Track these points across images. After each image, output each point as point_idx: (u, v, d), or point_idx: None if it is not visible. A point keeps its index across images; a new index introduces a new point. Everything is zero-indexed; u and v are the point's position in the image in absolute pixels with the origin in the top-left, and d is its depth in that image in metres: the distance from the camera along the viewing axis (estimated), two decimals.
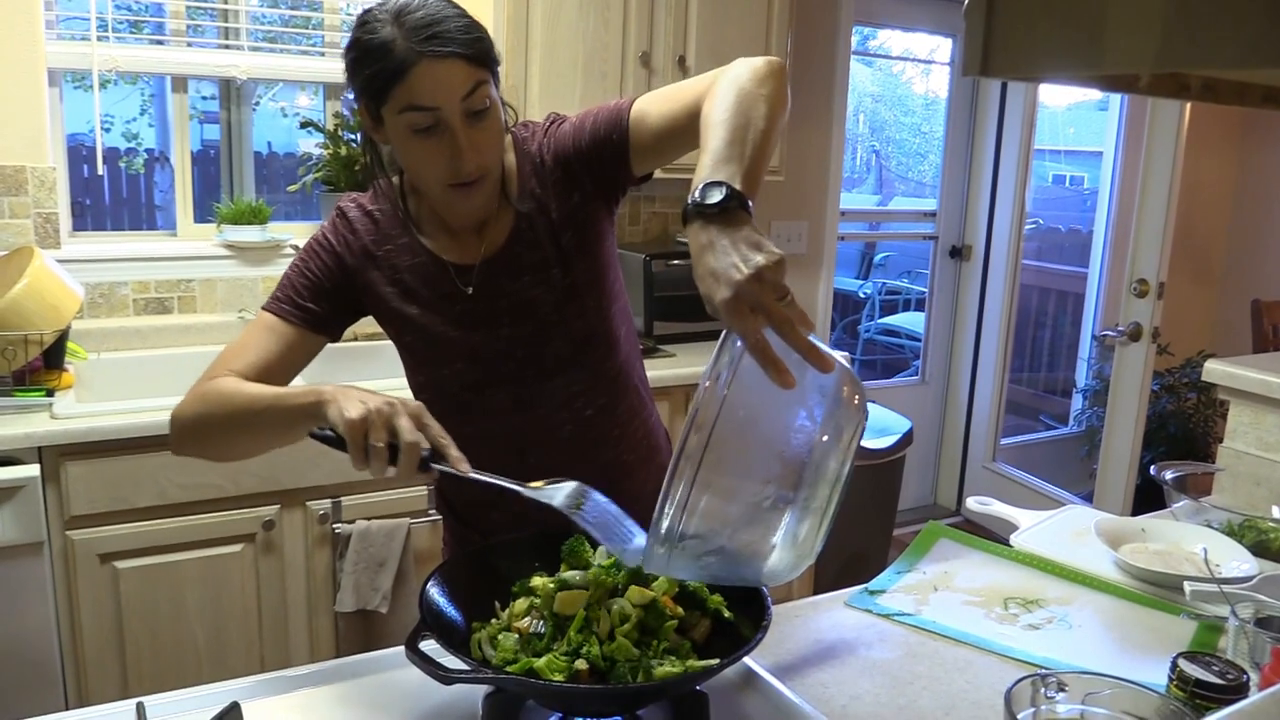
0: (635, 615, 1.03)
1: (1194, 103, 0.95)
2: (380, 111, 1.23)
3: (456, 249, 1.36)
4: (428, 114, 1.20)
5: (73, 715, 1.10)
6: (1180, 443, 4.25)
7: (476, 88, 1.21)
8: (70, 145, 2.70)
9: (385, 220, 1.38)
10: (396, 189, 1.37)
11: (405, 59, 1.17)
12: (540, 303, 1.35)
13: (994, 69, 0.72)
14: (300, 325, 1.33)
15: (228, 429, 1.25)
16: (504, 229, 1.36)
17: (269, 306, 1.35)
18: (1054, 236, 6.04)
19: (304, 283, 1.35)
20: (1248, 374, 2.00)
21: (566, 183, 1.34)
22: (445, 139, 1.21)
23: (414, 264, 1.36)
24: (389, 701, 1.13)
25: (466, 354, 1.36)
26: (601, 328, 1.40)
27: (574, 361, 1.38)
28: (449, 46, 1.18)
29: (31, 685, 2.02)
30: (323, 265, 1.36)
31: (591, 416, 1.42)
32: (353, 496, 2.33)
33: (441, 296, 1.36)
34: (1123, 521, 1.68)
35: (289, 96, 3.31)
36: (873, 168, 7.78)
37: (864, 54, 5.58)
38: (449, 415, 1.34)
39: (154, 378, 2.52)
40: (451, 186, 1.26)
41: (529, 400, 1.38)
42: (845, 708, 1.15)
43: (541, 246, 1.35)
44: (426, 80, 1.18)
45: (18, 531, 1.95)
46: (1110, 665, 1.18)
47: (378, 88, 1.20)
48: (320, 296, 1.35)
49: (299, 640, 2.34)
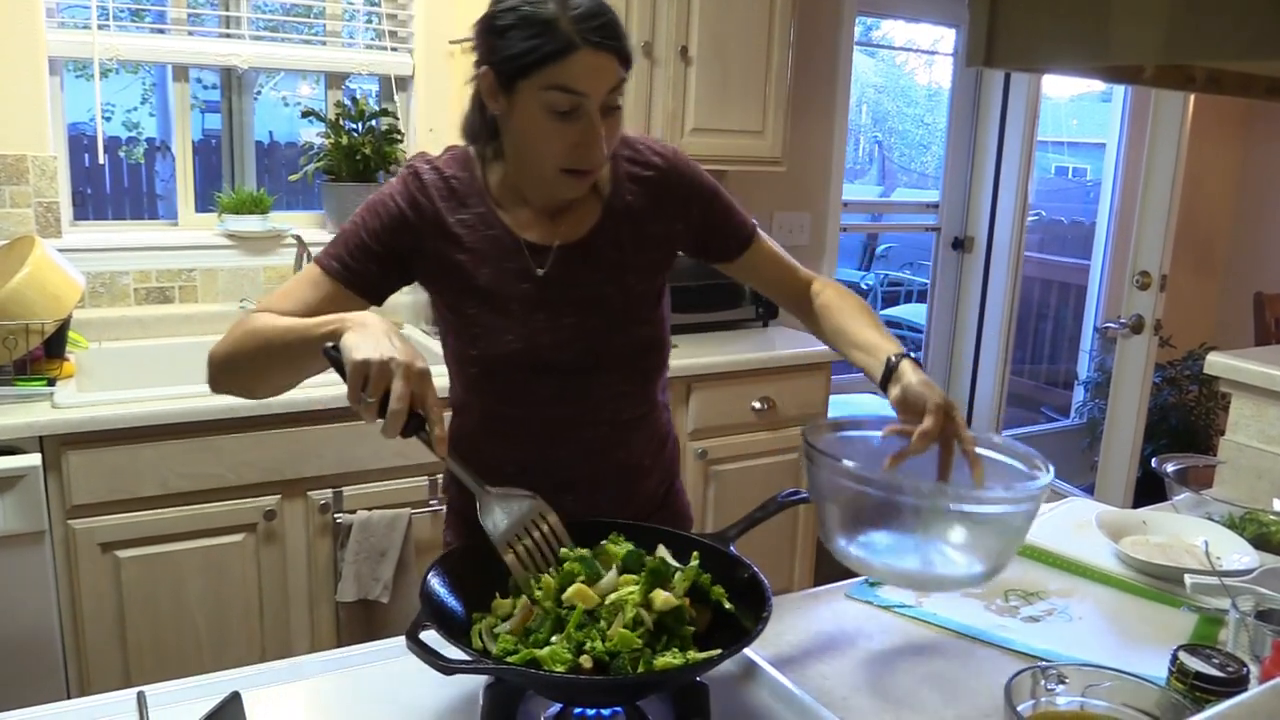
0: (650, 619, 1.02)
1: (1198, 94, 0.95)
2: (518, 82, 1.22)
3: (532, 227, 1.35)
4: (573, 98, 1.21)
5: (74, 704, 1.10)
6: (1182, 435, 4.25)
7: (619, 85, 1.24)
8: (71, 134, 2.69)
9: (462, 188, 1.36)
10: (475, 158, 1.37)
11: (569, 41, 1.18)
12: (610, 301, 1.36)
13: (998, 60, 0.71)
14: (342, 283, 1.33)
15: (257, 359, 1.26)
16: (587, 219, 1.37)
17: (318, 258, 1.35)
18: (1056, 228, 6.03)
19: (356, 242, 1.34)
20: (1249, 367, 2.00)
21: (676, 212, 1.41)
22: (578, 126, 1.23)
23: (487, 235, 1.34)
24: (390, 691, 1.13)
25: (525, 335, 1.34)
26: (657, 339, 1.43)
27: (627, 365, 1.39)
28: (610, 40, 1.21)
29: (33, 674, 2.03)
30: (380, 226, 1.34)
31: (626, 421, 1.42)
32: (354, 486, 2.33)
33: (511, 272, 1.34)
34: (1123, 514, 1.68)
35: (290, 86, 3.31)
36: (875, 159, 7.77)
37: (867, 44, 5.56)
38: (490, 393, 1.39)
39: (155, 367, 2.52)
40: (564, 170, 1.26)
41: (573, 394, 1.37)
42: (846, 699, 1.15)
43: (623, 249, 1.37)
44: (583, 67, 1.19)
45: (19, 521, 1.95)
46: (1110, 658, 1.18)
47: (530, 61, 1.20)
48: (369, 258, 1.33)
49: (300, 630, 2.35)
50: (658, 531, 1.21)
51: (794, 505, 1.33)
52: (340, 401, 2.23)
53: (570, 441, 1.40)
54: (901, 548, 1.19)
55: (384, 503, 2.35)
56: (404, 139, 2.94)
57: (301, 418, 2.23)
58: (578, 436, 1.40)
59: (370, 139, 2.82)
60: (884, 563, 1.20)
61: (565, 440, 1.39)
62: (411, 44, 2.95)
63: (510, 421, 1.40)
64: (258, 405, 2.17)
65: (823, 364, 2.99)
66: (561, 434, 1.39)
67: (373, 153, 2.81)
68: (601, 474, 1.42)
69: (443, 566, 1.12)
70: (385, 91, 3.02)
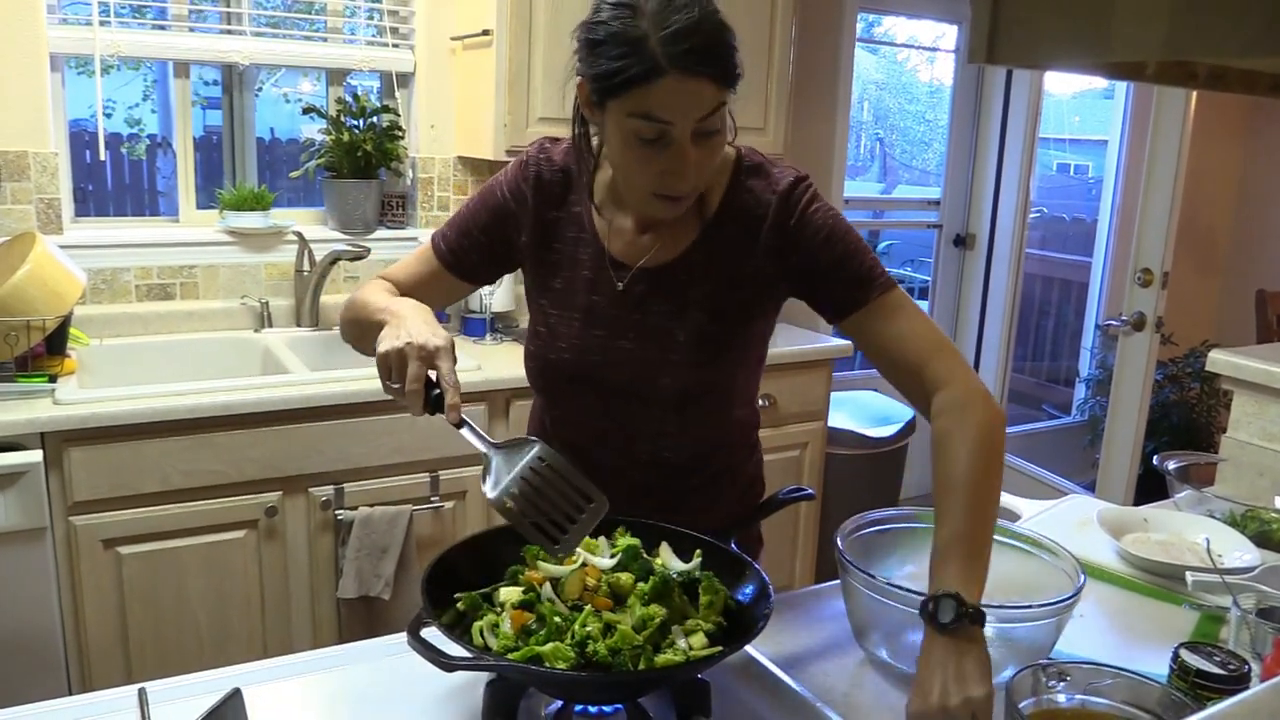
0: (659, 615, 1.02)
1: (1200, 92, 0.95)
2: (607, 101, 1.15)
3: (623, 240, 1.32)
4: (658, 126, 1.13)
5: (75, 700, 1.10)
6: (1183, 433, 4.25)
7: (715, 109, 1.14)
8: (72, 131, 2.69)
9: (567, 184, 1.34)
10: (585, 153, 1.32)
11: (654, 66, 1.09)
12: (672, 338, 1.29)
13: (1000, 56, 0.71)
14: (442, 262, 1.37)
15: (352, 330, 1.33)
16: (681, 241, 1.30)
17: (433, 235, 1.39)
18: (1058, 225, 6.02)
19: (463, 227, 1.37)
20: (1251, 364, 1.99)
21: (773, 253, 1.27)
22: (667, 153, 1.15)
23: (578, 239, 1.33)
24: (390, 688, 1.13)
25: (578, 348, 1.32)
26: (721, 387, 1.34)
27: (678, 406, 1.32)
28: (703, 65, 1.10)
29: (34, 671, 2.03)
30: (486, 215, 1.35)
31: (669, 459, 1.37)
32: (355, 483, 2.33)
33: (587, 282, 1.32)
34: (1125, 511, 1.68)
35: (291, 82, 3.31)
36: (876, 156, 7.75)
37: (868, 41, 5.54)
38: (541, 391, 1.41)
39: (156, 364, 2.53)
40: (656, 195, 1.20)
41: (618, 415, 1.35)
42: (847, 696, 1.15)
43: (706, 282, 1.29)
44: (669, 95, 1.11)
45: (21, 517, 1.95)
46: (1111, 655, 1.18)
47: (615, 83, 1.12)
48: (472, 245, 1.36)
49: (301, 627, 2.35)
50: (661, 529, 1.21)
51: (795, 502, 1.33)
52: (342, 399, 2.24)
53: (610, 468, 1.32)
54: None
55: (385, 499, 2.35)
56: (405, 135, 2.94)
57: (303, 414, 2.23)
58: (617, 450, 1.36)
59: (371, 135, 2.82)
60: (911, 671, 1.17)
61: (606, 461, 1.34)
62: (413, 40, 2.94)
63: (557, 422, 1.42)
64: (257, 403, 2.17)
65: (824, 361, 2.99)
66: (603, 452, 1.36)
67: (374, 149, 2.81)
68: (638, 484, 1.36)
69: (444, 562, 1.12)
70: (386, 88, 3.01)
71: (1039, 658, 1.13)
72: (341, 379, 2.29)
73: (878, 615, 1.19)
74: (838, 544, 1.23)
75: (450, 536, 2.40)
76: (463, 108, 2.91)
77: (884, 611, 1.17)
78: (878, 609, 1.17)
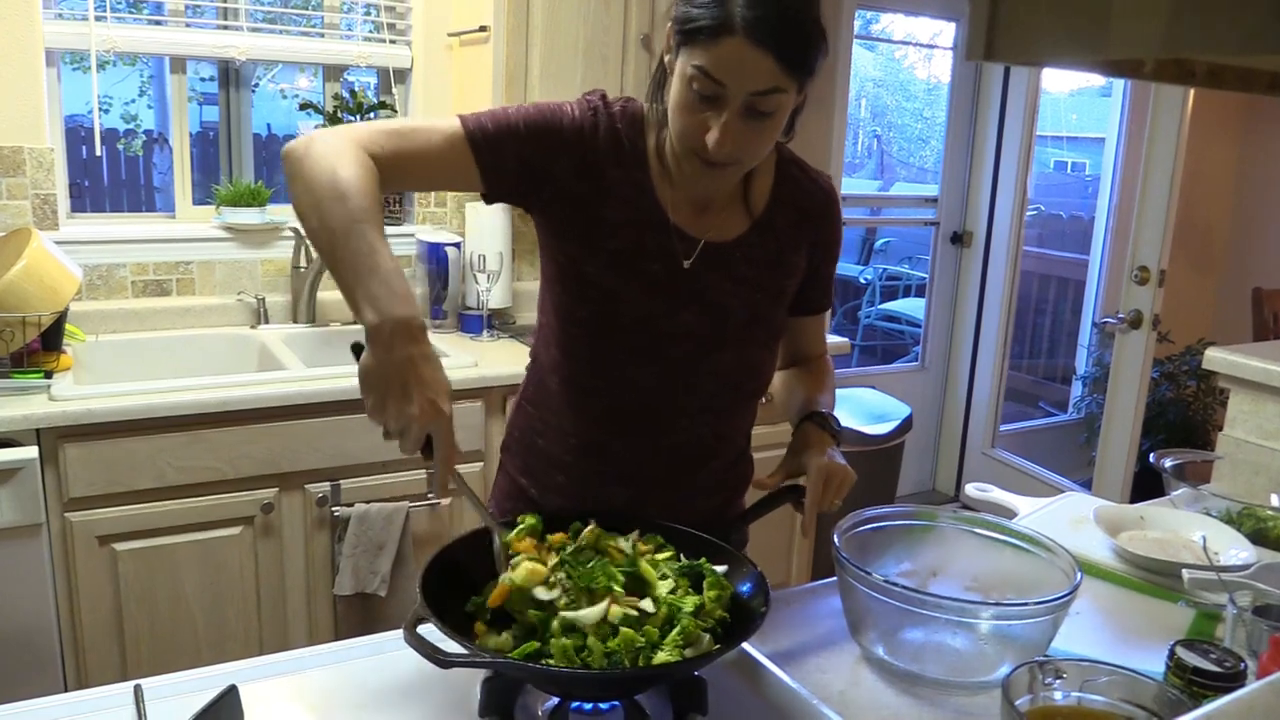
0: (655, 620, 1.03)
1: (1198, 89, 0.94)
2: (682, 47, 1.16)
3: (681, 212, 1.30)
4: (714, 86, 1.13)
5: (71, 697, 1.10)
6: (1179, 430, 4.25)
7: (772, 92, 1.14)
8: (68, 126, 2.68)
9: (627, 145, 1.28)
10: (647, 118, 1.30)
11: (725, 24, 1.10)
12: (733, 314, 1.32)
13: (998, 54, 0.71)
14: (474, 149, 1.22)
15: (324, 236, 1.10)
16: (732, 228, 1.32)
17: (466, 116, 1.24)
18: (1055, 223, 6.03)
19: (508, 123, 1.24)
20: (1248, 362, 1.99)
21: (807, 246, 1.39)
22: (715, 113, 1.15)
23: (638, 203, 1.28)
24: (387, 685, 1.13)
25: (639, 317, 1.30)
26: (766, 367, 1.41)
27: (728, 383, 1.36)
28: (770, 40, 1.10)
29: (30, 667, 2.03)
30: (541, 120, 1.25)
31: (704, 437, 1.38)
32: (351, 480, 2.33)
33: (650, 249, 1.29)
34: (1121, 509, 1.68)
35: (288, 78, 3.30)
36: (874, 153, 7.76)
37: (866, 38, 5.55)
38: (583, 359, 1.33)
39: (152, 360, 2.52)
40: (695, 152, 1.20)
41: (668, 389, 1.32)
42: (843, 693, 1.15)
43: (760, 267, 1.33)
44: (730, 56, 1.11)
45: (16, 513, 1.95)
46: (1108, 653, 1.18)
47: (688, 29, 1.14)
48: (510, 153, 1.24)
49: (297, 623, 2.35)
50: (658, 528, 1.21)
51: (793, 500, 1.33)
52: (338, 395, 2.23)
53: (642, 434, 1.34)
54: (928, 649, 1.18)
55: (382, 496, 2.34)
56: None
57: (299, 410, 2.23)
58: (653, 430, 1.35)
59: None
60: (907, 668, 1.18)
61: (641, 426, 1.34)
62: (410, 36, 2.94)
63: (593, 394, 1.34)
64: (253, 399, 2.16)
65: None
66: (642, 420, 1.34)
67: None
68: (657, 482, 1.37)
69: (441, 560, 1.12)
70: (384, 84, 3.01)
71: (1035, 655, 1.13)
72: (338, 375, 2.29)
73: (874, 612, 1.19)
74: (835, 541, 1.23)
75: (447, 533, 2.39)
76: (460, 104, 2.91)
77: (880, 609, 1.17)
78: (874, 606, 1.18)
